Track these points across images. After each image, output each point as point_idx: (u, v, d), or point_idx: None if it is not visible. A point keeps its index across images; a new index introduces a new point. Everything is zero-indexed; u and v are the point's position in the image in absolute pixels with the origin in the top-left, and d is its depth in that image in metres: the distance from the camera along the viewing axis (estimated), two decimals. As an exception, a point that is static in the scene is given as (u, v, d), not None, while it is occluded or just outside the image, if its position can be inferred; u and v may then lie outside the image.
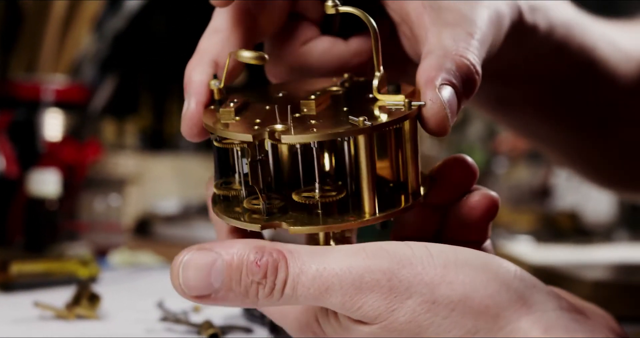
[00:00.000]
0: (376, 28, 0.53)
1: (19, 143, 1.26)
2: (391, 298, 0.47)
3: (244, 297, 0.48)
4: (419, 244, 0.48)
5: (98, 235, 1.21)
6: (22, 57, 1.32)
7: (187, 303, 0.76)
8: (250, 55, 0.53)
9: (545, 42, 0.72)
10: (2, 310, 0.75)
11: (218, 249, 0.48)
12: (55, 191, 1.15)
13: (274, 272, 0.48)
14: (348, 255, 0.48)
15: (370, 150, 0.50)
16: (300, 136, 0.49)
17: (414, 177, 0.53)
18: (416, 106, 0.51)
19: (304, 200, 0.51)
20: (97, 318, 0.75)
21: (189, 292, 0.48)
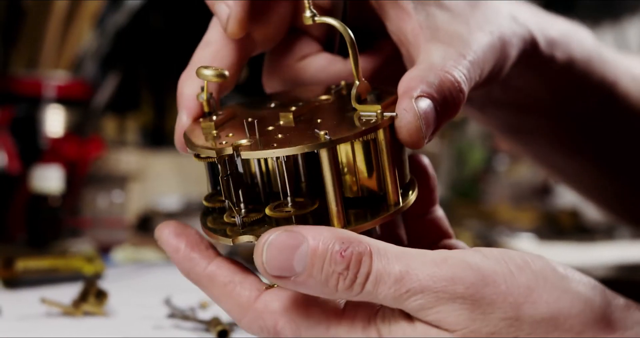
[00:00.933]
0: (353, 38, 0.53)
1: (20, 139, 1.25)
2: (473, 309, 0.48)
3: (323, 286, 0.48)
4: (497, 257, 0.49)
5: (101, 232, 1.21)
6: (24, 53, 1.32)
7: (194, 299, 0.77)
8: (210, 73, 0.53)
9: (563, 74, 0.72)
10: (9, 307, 0.75)
11: (305, 233, 0.48)
12: (58, 187, 1.15)
13: (356, 265, 0.48)
14: (433, 263, 0.48)
15: (333, 164, 0.50)
16: (258, 152, 0.50)
17: (391, 188, 0.53)
18: (387, 117, 0.52)
19: (275, 214, 0.51)
20: (104, 315, 0.75)
21: (270, 271, 0.48)
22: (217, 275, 0.52)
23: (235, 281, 0.52)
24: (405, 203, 0.53)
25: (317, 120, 0.53)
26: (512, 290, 0.48)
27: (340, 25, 0.53)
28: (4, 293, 0.84)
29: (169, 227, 0.54)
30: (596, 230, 1.50)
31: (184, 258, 0.53)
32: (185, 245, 0.53)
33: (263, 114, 0.55)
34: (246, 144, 0.51)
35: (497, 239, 1.34)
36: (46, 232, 1.14)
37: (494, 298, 0.48)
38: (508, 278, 0.48)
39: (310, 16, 0.53)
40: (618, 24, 1.79)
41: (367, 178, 0.54)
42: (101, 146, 1.30)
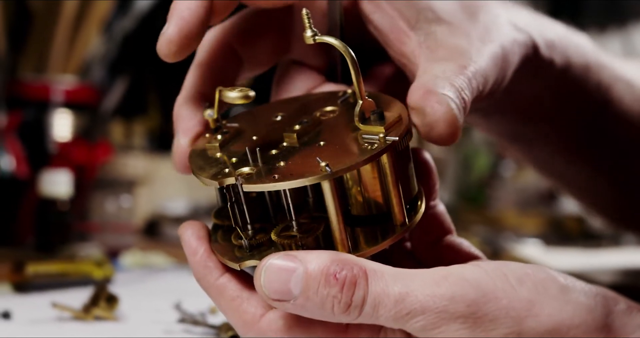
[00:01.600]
0: (354, 57, 0.52)
1: (28, 143, 1.26)
2: (475, 328, 0.48)
3: (320, 309, 0.48)
4: (496, 271, 0.49)
5: (109, 236, 1.21)
6: (32, 57, 1.32)
7: (204, 304, 0.77)
8: (235, 96, 0.54)
9: (561, 79, 0.72)
10: (19, 311, 0.75)
11: (302, 257, 0.49)
12: (67, 192, 1.15)
13: (351, 288, 0.48)
14: (432, 282, 0.48)
15: (335, 194, 0.51)
16: (259, 186, 0.50)
17: (396, 209, 0.53)
18: (390, 141, 0.51)
19: (279, 240, 0.52)
20: (115, 320, 0.75)
21: (269, 294, 0.49)
22: (226, 288, 0.53)
23: (242, 297, 0.52)
24: (412, 223, 0.53)
25: (321, 142, 0.53)
26: (514, 304, 0.48)
27: (341, 44, 0.53)
28: (15, 298, 0.85)
29: (192, 228, 0.54)
30: (602, 236, 1.50)
31: (199, 263, 0.53)
32: (204, 250, 0.53)
33: (268, 131, 0.55)
34: (248, 172, 0.51)
35: (503, 245, 1.34)
36: (54, 237, 1.14)
37: (496, 314, 0.48)
38: (509, 292, 0.48)
39: (311, 36, 0.53)
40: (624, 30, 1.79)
41: (373, 197, 0.53)
42: (109, 151, 1.30)
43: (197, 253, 0.53)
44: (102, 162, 1.29)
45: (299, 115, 0.56)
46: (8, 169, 1.22)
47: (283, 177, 0.50)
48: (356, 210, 0.53)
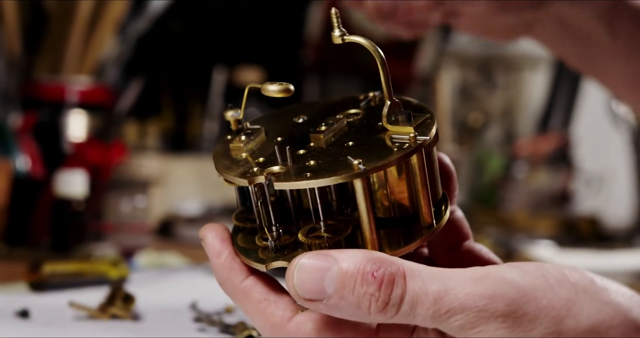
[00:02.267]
0: (384, 57, 0.52)
1: (43, 144, 1.27)
2: (514, 327, 0.47)
3: (355, 308, 0.47)
4: (535, 272, 0.49)
5: (123, 236, 1.21)
6: (47, 58, 1.33)
7: (219, 304, 0.77)
8: (275, 89, 0.53)
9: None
10: (37, 310, 0.76)
11: (336, 256, 0.48)
12: (82, 192, 1.16)
13: (389, 286, 0.47)
14: (471, 281, 0.48)
15: (367, 192, 0.50)
16: (291, 183, 0.50)
17: (424, 210, 0.52)
18: (421, 141, 0.51)
19: (307, 240, 0.51)
20: (131, 319, 0.75)
21: (302, 294, 0.48)
22: (252, 291, 0.52)
23: (269, 299, 0.51)
24: (439, 225, 0.53)
25: (349, 142, 0.52)
26: (554, 304, 0.48)
27: (370, 44, 0.52)
28: (32, 297, 0.85)
29: (215, 230, 0.53)
30: (615, 237, 1.50)
31: (224, 266, 0.52)
32: (228, 252, 0.52)
33: (292, 133, 0.55)
34: (278, 171, 0.50)
35: (516, 246, 1.34)
36: (70, 236, 1.15)
37: (536, 314, 0.47)
38: (548, 292, 0.48)
39: (340, 35, 0.52)
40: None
41: (399, 199, 0.53)
42: (124, 151, 1.31)
43: (222, 256, 0.52)
44: (117, 163, 1.30)
45: (322, 117, 0.55)
46: (23, 169, 1.23)
47: (315, 175, 0.49)
48: (381, 213, 0.53)
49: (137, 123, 1.56)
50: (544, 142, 1.77)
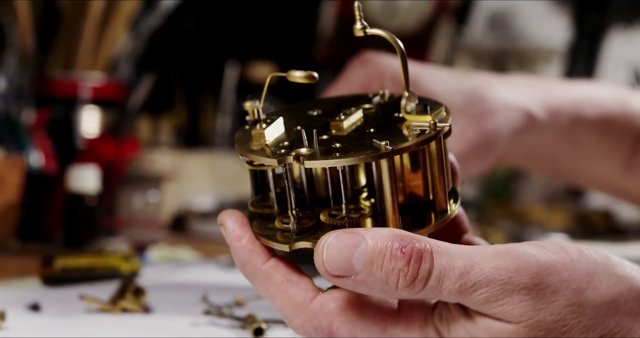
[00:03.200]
0: (403, 50, 0.54)
1: (57, 140, 1.27)
2: (537, 299, 0.49)
3: (383, 283, 0.49)
4: (554, 247, 0.50)
5: (136, 231, 1.22)
6: (60, 55, 1.34)
7: (230, 297, 0.78)
8: (301, 75, 0.54)
9: (573, 130, 0.95)
10: (49, 304, 0.76)
11: (364, 233, 0.49)
12: (95, 187, 1.16)
13: (418, 261, 0.48)
14: (495, 256, 0.49)
15: (392, 173, 0.52)
16: (323, 161, 0.51)
17: (440, 195, 0.54)
18: (441, 128, 0.53)
19: (329, 220, 0.53)
20: (142, 312, 0.76)
21: (331, 270, 0.49)
22: (275, 272, 0.53)
23: (292, 280, 0.53)
24: (452, 211, 0.55)
25: (370, 129, 0.54)
26: (574, 277, 0.49)
27: (391, 36, 0.54)
28: (44, 291, 0.86)
29: (235, 215, 0.54)
30: (629, 230, 1.50)
31: (245, 249, 0.53)
32: (250, 235, 0.54)
33: (310, 123, 0.56)
34: (306, 152, 0.52)
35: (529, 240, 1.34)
36: (83, 232, 1.16)
37: (558, 286, 0.49)
38: (569, 266, 0.50)
39: (362, 28, 0.54)
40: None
41: (414, 186, 0.55)
42: (137, 146, 1.32)
43: (243, 239, 0.53)
44: (130, 158, 1.31)
45: (337, 111, 0.57)
46: (37, 165, 1.23)
47: (344, 155, 0.51)
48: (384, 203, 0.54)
49: (150, 119, 1.57)
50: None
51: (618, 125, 0.95)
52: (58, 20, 1.34)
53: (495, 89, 0.91)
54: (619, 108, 0.96)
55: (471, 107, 0.88)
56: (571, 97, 0.94)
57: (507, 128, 0.88)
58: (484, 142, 0.87)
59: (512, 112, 0.89)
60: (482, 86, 0.92)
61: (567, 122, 0.93)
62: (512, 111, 0.89)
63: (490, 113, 0.88)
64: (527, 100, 0.90)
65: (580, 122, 0.93)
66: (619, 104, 0.96)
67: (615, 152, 0.97)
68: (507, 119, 0.88)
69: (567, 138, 0.94)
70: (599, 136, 0.95)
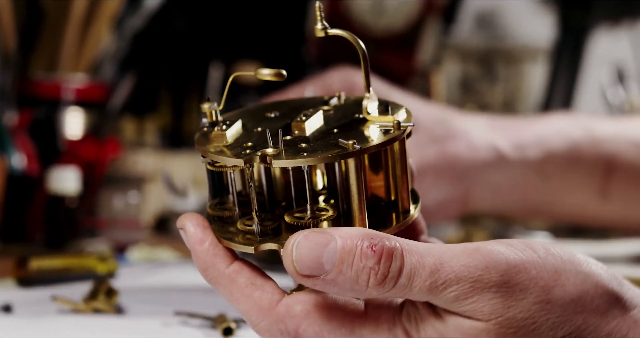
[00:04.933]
0: (365, 50, 0.54)
1: (39, 141, 1.27)
2: (507, 297, 0.49)
3: (353, 282, 0.48)
4: (521, 245, 0.51)
5: (117, 232, 1.22)
6: (43, 56, 1.34)
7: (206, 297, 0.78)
8: (269, 72, 0.54)
9: (543, 165, 0.98)
10: (22, 305, 0.77)
11: (333, 232, 0.49)
12: (76, 188, 1.16)
13: (388, 259, 0.48)
14: (465, 254, 0.49)
15: (359, 172, 0.51)
16: (291, 161, 0.51)
17: (404, 195, 0.54)
18: (405, 127, 0.53)
19: (295, 221, 0.52)
20: (113, 312, 0.76)
21: (301, 270, 0.49)
22: (238, 276, 0.52)
23: (256, 284, 0.52)
24: (416, 211, 0.55)
25: (334, 130, 0.54)
26: (542, 274, 0.50)
27: (351, 36, 0.54)
28: (17, 292, 0.86)
29: (196, 218, 0.53)
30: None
31: (207, 253, 0.52)
32: (212, 239, 0.53)
33: (270, 125, 0.55)
34: (273, 152, 0.51)
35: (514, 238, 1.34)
36: (64, 233, 1.16)
37: (527, 284, 0.49)
38: (537, 263, 0.50)
39: (322, 28, 0.54)
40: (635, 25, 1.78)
41: (375, 187, 0.55)
42: (118, 147, 1.31)
43: (205, 242, 0.52)
44: (111, 159, 1.31)
45: (295, 113, 0.56)
46: (19, 167, 1.23)
47: (312, 154, 0.51)
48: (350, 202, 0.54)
49: (134, 120, 1.56)
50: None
51: (587, 154, 0.98)
52: (41, 20, 1.34)
53: (463, 121, 0.95)
54: (586, 137, 0.99)
55: (436, 129, 0.91)
56: (537, 132, 0.97)
57: (471, 159, 0.91)
58: (442, 161, 0.90)
59: (481, 146, 0.92)
60: (451, 116, 0.96)
61: (536, 157, 0.96)
62: (481, 146, 0.92)
63: (453, 138, 0.91)
64: (495, 137, 0.94)
65: (548, 156, 0.96)
66: (586, 133, 0.99)
67: (588, 182, 0.99)
68: (472, 149, 0.91)
69: (537, 173, 0.97)
70: (569, 168, 0.98)
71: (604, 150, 0.98)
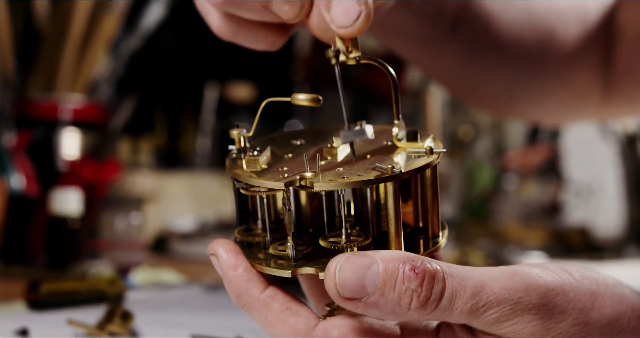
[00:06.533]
0: (395, 77, 0.54)
1: (38, 162, 1.27)
2: (546, 319, 0.50)
3: (395, 305, 0.48)
4: (557, 269, 0.52)
5: (119, 253, 1.22)
6: (40, 76, 1.34)
7: (216, 319, 0.78)
8: (305, 98, 0.54)
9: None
10: (36, 329, 0.77)
11: (373, 255, 0.49)
12: (78, 210, 1.17)
13: (430, 281, 0.48)
14: (504, 277, 0.50)
15: (397, 195, 0.52)
16: (333, 183, 0.51)
17: (434, 222, 0.55)
18: (438, 153, 0.53)
19: (331, 245, 0.52)
20: (129, 336, 0.76)
21: (344, 293, 0.49)
22: (273, 301, 0.52)
23: (292, 309, 0.52)
24: (444, 238, 0.55)
25: (366, 156, 0.54)
26: (580, 296, 0.51)
27: (381, 64, 0.54)
28: (31, 315, 0.86)
29: (228, 244, 0.53)
30: (605, 248, 1.51)
31: (242, 278, 0.52)
32: (246, 265, 0.53)
33: (300, 151, 0.56)
34: (311, 176, 0.51)
35: (508, 258, 1.36)
36: (66, 254, 1.16)
37: (565, 306, 0.50)
38: (574, 286, 0.51)
39: (354, 57, 0.54)
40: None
41: (404, 213, 0.55)
42: (118, 168, 1.32)
43: (238, 268, 0.52)
44: (112, 180, 1.31)
45: (320, 140, 0.57)
46: (18, 188, 1.23)
47: (352, 178, 0.51)
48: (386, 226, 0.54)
49: (130, 140, 1.57)
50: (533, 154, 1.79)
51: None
52: (38, 42, 1.34)
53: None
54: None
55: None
56: None
57: None
58: None
59: None
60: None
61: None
62: None
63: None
64: None
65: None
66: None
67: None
68: None
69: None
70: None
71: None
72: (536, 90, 0.93)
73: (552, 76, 0.92)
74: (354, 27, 0.53)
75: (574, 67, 0.92)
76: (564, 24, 0.91)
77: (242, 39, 0.62)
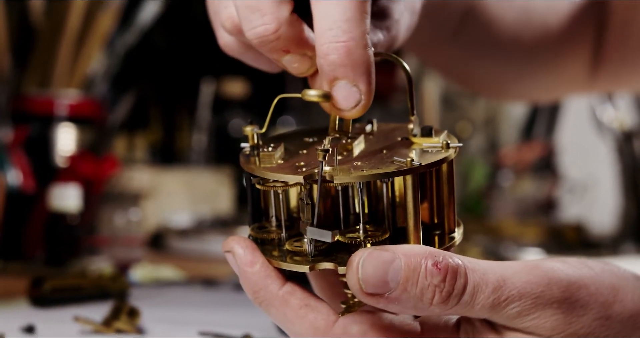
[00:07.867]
0: (410, 73, 0.54)
1: (34, 157, 1.27)
2: (568, 313, 0.50)
3: (417, 300, 0.48)
4: (578, 263, 0.52)
5: (118, 249, 1.22)
6: (36, 72, 1.33)
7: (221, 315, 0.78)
8: (316, 93, 0.53)
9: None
10: (42, 325, 0.76)
11: (395, 250, 0.49)
12: (76, 206, 1.16)
13: (453, 276, 0.48)
14: (525, 271, 0.50)
15: (416, 189, 0.51)
16: (353, 176, 0.50)
17: (450, 218, 0.54)
18: (454, 147, 0.53)
19: (350, 240, 0.52)
20: (136, 333, 0.76)
21: (366, 288, 0.48)
22: (292, 297, 0.52)
23: (310, 305, 0.51)
24: (460, 234, 0.55)
25: (382, 151, 0.53)
26: (601, 290, 0.51)
27: (397, 60, 0.54)
28: (35, 312, 0.86)
29: (244, 241, 0.53)
30: (601, 244, 1.52)
31: (260, 274, 0.52)
32: (262, 261, 0.52)
33: (314, 148, 0.55)
34: (330, 170, 0.50)
35: (504, 254, 1.36)
36: (65, 250, 1.16)
37: (587, 300, 0.50)
38: (595, 280, 0.51)
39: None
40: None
41: (421, 209, 0.54)
42: (116, 164, 1.31)
43: (255, 264, 0.52)
44: (110, 176, 1.31)
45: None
46: (15, 184, 1.23)
47: (371, 171, 0.50)
48: (403, 222, 0.54)
49: (125, 136, 1.57)
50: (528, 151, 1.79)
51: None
52: (34, 38, 1.34)
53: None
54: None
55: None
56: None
57: None
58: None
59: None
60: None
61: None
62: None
63: None
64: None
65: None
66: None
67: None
68: None
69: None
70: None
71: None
72: (528, 77, 0.96)
73: (543, 63, 0.94)
74: (350, 112, 0.53)
75: (564, 53, 0.94)
76: (555, 14, 0.93)
77: (247, 59, 0.62)
